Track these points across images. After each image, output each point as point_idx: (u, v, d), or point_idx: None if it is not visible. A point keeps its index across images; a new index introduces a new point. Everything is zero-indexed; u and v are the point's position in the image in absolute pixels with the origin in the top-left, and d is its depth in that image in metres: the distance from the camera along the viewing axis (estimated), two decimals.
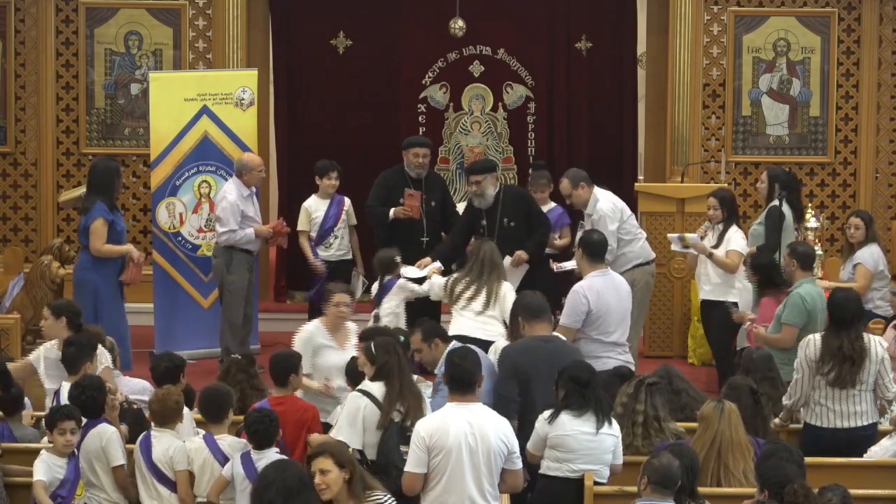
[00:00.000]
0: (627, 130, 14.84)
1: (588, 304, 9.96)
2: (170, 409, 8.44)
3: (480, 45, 14.71)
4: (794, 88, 14.42)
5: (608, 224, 11.58)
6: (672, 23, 14.23)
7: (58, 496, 8.17)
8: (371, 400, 8.38)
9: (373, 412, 8.36)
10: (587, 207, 11.78)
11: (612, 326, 10.03)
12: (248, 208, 12.43)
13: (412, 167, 12.62)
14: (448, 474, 7.58)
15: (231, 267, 12.39)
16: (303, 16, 14.72)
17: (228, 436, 8.39)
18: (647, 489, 7.35)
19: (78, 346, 9.09)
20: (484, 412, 7.78)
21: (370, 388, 8.44)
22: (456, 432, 7.58)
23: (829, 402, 9.18)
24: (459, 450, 7.57)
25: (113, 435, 8.37)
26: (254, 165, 12.55)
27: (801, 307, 10.32)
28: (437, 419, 7.71)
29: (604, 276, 10.15)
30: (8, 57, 14.32)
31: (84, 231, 11.58)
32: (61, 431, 8.23)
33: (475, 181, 12.18)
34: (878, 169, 14.50)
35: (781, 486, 7.22)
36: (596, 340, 9.98)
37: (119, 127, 14.45)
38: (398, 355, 8.61)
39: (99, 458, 8.33)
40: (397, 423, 8.39)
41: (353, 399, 8.47)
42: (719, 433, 8.21)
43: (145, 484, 8.35)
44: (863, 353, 9.15)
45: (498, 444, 7.68)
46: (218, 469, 8.21)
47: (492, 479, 7.68)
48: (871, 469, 8.67)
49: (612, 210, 11.69)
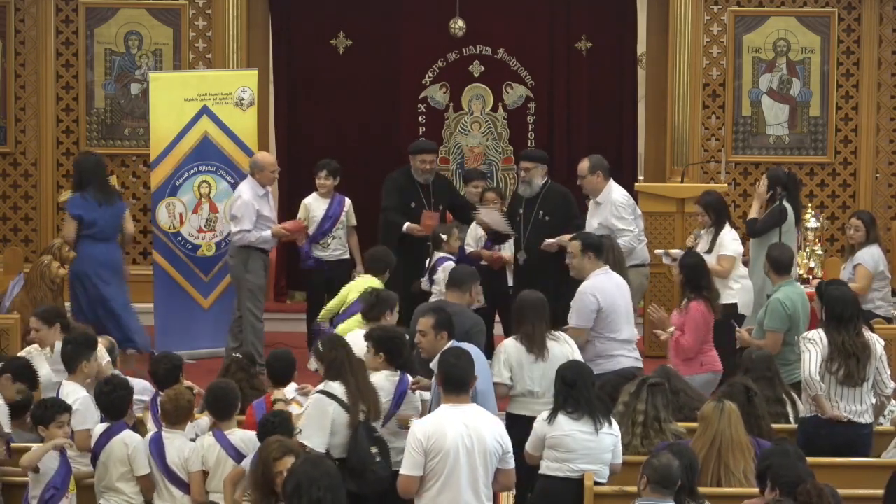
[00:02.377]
0: (627, 130, 14.84)
1: (598, 303, 10.02)
2: (183, 408, 8.47)
3: (480, 45, 14.71)
4: (794, 88, 14.42)
5: (622, 213, 11.67)
6: (672, 23, 14.23)
7: (51, 488, 8.18)
8: (336, 401, 8.37)
9: (340, 413, 8.35)
10: (598, 196, 11.93)
11: (620, 324, 10.09)
12: (264, 207, 12.42)
13: (419, 173, 12.62)
14: (444, 476, 7.56)
15: (249, 266, 12.37)
16: (303, 16, 14.72)
17: (238, 430, 8.41)
18: (647, 489, 7.35)
19: (75, 345, 9.09)
20: (478, 413, 7.76)
21: (333, 389, 8.43)
22: (453, 434, 7.57)
23: (838, 400, 9.17)
24: (457, 452, 7.55)
25: (139, 443, 8.39)
26: (266, 164, 12.54)
27: (782, 312, 10.32)
28: (434, 421, 7.69)
29: (606, 275, 10.21)
30: (8, 57, 14.32)
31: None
32: (59, 424, 8.30)
33: (525, 167, 12.37)
34: (878, 169, 14.50)
35: (794, 486, 7.22)
36: (609, 339, 10.06)
37: (119, 127, 14.45)
38: (346, 350, 8.59)
39: (123, 464, 8.35)
40: (363, 422, 8.42)
41: (318, 401, 8.41)
42: (719, 433, 8.21)
43: (158, 487, 8.39)
44: (866, 349, 9.16)
45: (494, 445, 7.66)
46: (231, 465, 8.23)
47: (487, 480, 7.66)
48: (871, 469, 8.67)
49: (626, 200, 11.79)
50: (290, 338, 12.88)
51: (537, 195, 12.30)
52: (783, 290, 10.48)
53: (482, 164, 14.74)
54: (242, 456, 8.23)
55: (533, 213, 12.32)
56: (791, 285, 10.54)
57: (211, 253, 13.04)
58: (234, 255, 12.46)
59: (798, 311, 10.31)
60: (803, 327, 10.10)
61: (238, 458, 8.24)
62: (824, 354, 9.13)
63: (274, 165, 12.66)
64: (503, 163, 14.80)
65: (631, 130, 14.87)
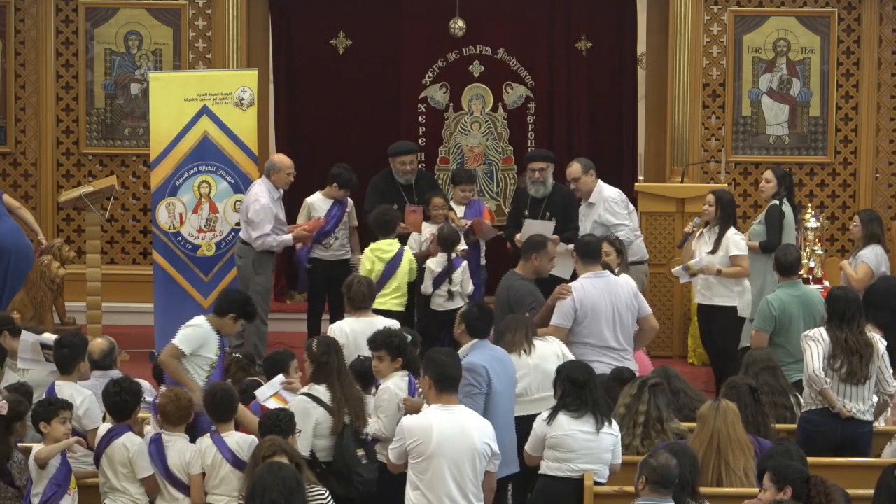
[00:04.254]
0: (627, 130, 14.84)
1: (573, 303, 9.88)
2: (184, 408, 8.48)
3: (480, 45, 14.71)
4: (794, 88, 14.41)
5: (616, 208, 11.68)
6: (672, 23, 14.23)
7: (53, 485, 8.20)
8: (321, 405, 8.36)
9: (325, 417, 8.36)
10: (590, 196, 11.95)
11: (602, 329, 9.90)
12: (279, 211, 12.41)
13: (400, 175, 12.67)
14: (429, 478, 7.57)
15: (259, 268, 12.34)
16: (303, 16, 14.72)
17: (235, 433, 8.40)
18: (646, 489, 7.35)
19: (71, 347, 9.10)
20: (467, 414, 7.76)
21: (318, 393, 8.42)
22: (439, 436, 7.57)
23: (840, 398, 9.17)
24: (442, 454, 7.55)
25: (141, 446, 8.40)
26: (283, 166, 12.50)
27: (767, 313, 10.37)
28: (421, 422, 7.68)
29: (595, 278, 10.05)
30: (8, 57, 14.32)
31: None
32: (62, 420, 8.32)
33: (538, 168, 12.36)
34: (878, 169, 14.50)
35: (805, 482, 7.24)
36: (586, 344, 9.88)
37: (119, 127, 14.45)
38: (338, 356, 8.60)
39: (124, 466, 8.36)
40: (349, 425, 8.44)
41: (301, 404, 8.43)
42: (716, 431, 8.21)
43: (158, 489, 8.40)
44: (869, 348, 9.17)
45: (482, 447, 7.67)
46: (227, 467, 8.24)
47: (476, 482, 7.67)
48: (871, 469, 8.67)
49: (618, 195, 11.81)
50: (291, 338, 12.87)
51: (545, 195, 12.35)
52: (777, 292, 10.52)
53: (482, 165, 14.75)
54: (238, 459, 8.24)
55: (540, 213, 12.30)
56: (791, 287, 10.53)
57: (211, 253, 13.04)
58: (243, 255, 12.39)
59: (790, 313, 10.31)
60: (795, 330, 10.11)
61: (234, 460, 8.25)
62: (826, 352, 9.14)
63: (291, 168, 12.57)
64: (503, 163, 14.80)
65: (631, 130, 14.87)
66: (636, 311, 10.10)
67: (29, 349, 9.62)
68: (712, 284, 11.59)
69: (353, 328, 9.64)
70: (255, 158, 13.14)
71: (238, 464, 8.25)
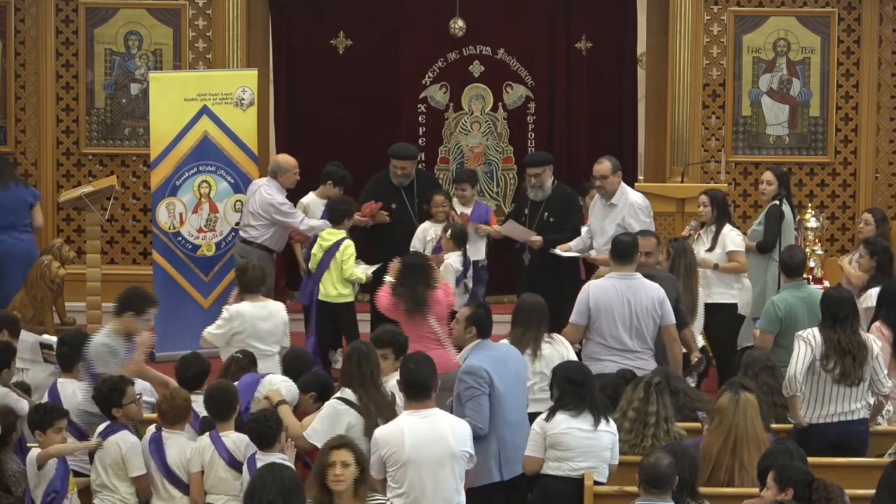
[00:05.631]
0: (627, 130, 14.84)
1: (588, 300, 9.92)
2: (179, 408, 8.48)
3: (480, 45, 14.71)
4: (794, 88, 14.42)
5: (641, 216, 11.61)
6: (672, 23, 14.23)
7: (51, 492, 8.19)
8: (353, 407, 8.34)
9: (358, 420, 8.32)
10: (613, 197, 11.76)
11: (617, 329, 9.87)
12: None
13: (394, 177, 12.74)
14: (407, 486, 7.57)
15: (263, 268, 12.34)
16: (303, 16, 14.72)
17: (233, 432, 8.40)
18: (641, 489, 7.35)
19: (73, 346, 9.11)
20: (442, 418, 7.76)
21: (349, 397, 8.40)
22: (411, 443, 7.56)
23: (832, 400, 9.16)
24: (417, 461, 7.54)
25: (135, 445, 8.40)
26: (290, 167, 12.60)
27: (773, 314, 10.35)
28: (392, 431, 7.67)
29: (619, 279, 9.98)
30: (8, 57, 14.32)
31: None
32: (57, 430, 8.31)
33: (534, 173, 12.42)
34: (878, 169, 14.50)
35: (808, 484, 7.21)
36: (598, 343, 9.89)
37: (119, 127, 14.45)
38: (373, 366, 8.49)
39: (117, 465, 8.36)
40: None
41: (333, 407, 8.37)
42: (734, 426, 8.13)
43: (156, 487, 8.39)
44: (863, 349, 9.16)
45: (460, 451, 7.68)
46: (223, 467, 8.24)
47: (458, 486, 7.68)
48: (870, 469, 8.67)
49: (643, 202, 11.74)
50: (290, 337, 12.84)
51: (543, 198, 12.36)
52: (783, 293, 10.51)
53: (482, 165, 14.75)
54: (234, 458, 8.24)
55: (538, 214, 12.33)
56: (796, 288, 10.51)
57: (211, 253, 13.04)
58: (245, 255, 12.37)
59: (795, 314, 10.30)
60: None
61: (230, 460, 8.25)
62: (818, 353, 9.13)
63: (296, 167, 12.71)
64: (503, 163, 14.80)
65: (631, 130, 14.87)
66: (658, 317, 9.97)
67: (28, 349, 9.64)
68: (711, 281, 11.61)
69: (251, 312, 10.18)
70: (255, 158, 13.15)
71: (234, 463, 8.25)
